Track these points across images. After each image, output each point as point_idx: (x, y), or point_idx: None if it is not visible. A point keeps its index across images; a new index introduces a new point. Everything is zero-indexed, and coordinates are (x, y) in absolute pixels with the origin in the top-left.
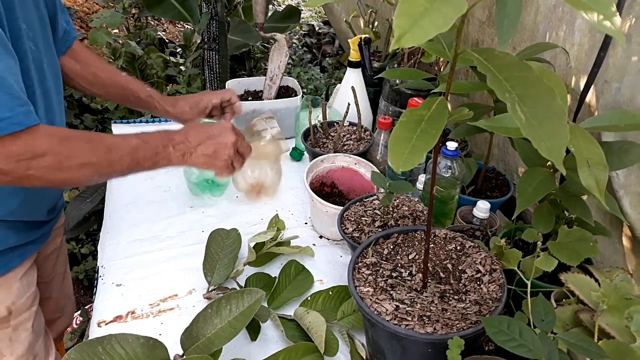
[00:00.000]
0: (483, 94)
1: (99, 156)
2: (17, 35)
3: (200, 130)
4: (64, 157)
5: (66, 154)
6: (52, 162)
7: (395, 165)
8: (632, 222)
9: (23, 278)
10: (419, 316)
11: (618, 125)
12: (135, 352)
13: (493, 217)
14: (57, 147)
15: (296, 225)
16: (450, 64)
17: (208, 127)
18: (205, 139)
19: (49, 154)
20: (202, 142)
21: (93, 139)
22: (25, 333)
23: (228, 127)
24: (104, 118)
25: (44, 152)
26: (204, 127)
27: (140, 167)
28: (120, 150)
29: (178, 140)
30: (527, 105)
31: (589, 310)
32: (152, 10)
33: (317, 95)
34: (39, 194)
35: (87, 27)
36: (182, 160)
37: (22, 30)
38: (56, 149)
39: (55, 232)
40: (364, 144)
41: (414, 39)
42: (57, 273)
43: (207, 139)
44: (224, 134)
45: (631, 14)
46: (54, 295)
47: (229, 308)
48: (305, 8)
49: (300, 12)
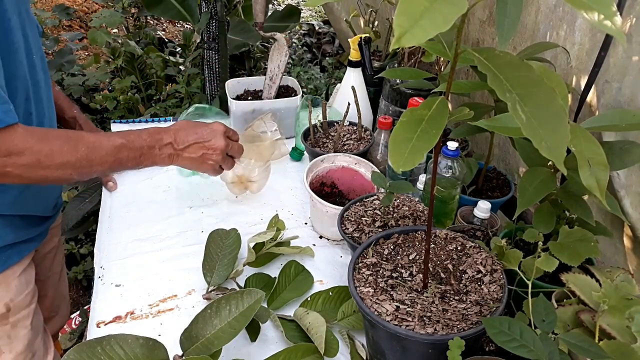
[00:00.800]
0: (484, 94)
1: (78, 156)
2: (6, 28)
3: (190, 131)
4: (42, 156)
5: (45, 153)
6: (31, 160)
7: (395, 165)
8: (633, 222)
9: (22, 275)
10: (419, 317)
11: (619, 125)
12: (134, 353)
13: (494, 217)
14: (36, 146)
15: (296, 225)
16: (451, 63)
17: (199, 128)
18: (193, 142)
19: (28, 152)
20: (190, 145)
21: (72, 138)
22: (24, 330)
23: (219, 130)
24: (103, 118)
25: (22, 150)
26: (194, 128)
27: (124, 166)
28: (101, 150)
29: (165, 141)
30: (527, 105)
31: (589, 311)
32: (151, 9)
33: (317, 95)
34: (36, 187)
35: (87, 27)
36: (167, 161)
37: (12, 21)
38: (35, 147)
39: (53, 231)
40: (364, 143)
41: (414, 38)
42: (53, 272)
43: (195, 142)
44: (214, 138)
45: (632, 13)
46: (49, 294)
47: (229, 309)
48: (305, 7)
49: (300, 12)
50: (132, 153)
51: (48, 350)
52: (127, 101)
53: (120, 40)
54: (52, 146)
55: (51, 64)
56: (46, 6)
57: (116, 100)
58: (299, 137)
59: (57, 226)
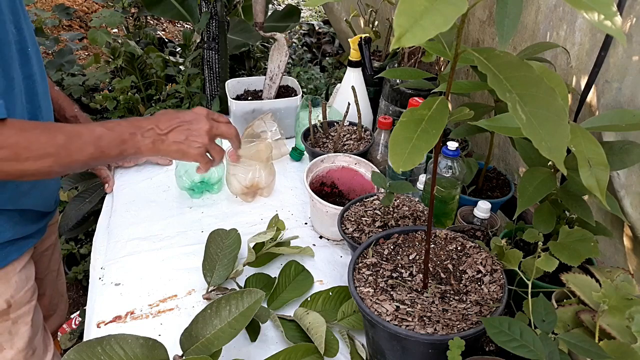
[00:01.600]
0: (484, 94)
1: (57, 146)
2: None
3: (172, 116)
4: (21, 149)
5: (23, 145)
6: (9, 154)
7: (395, 165)
8: (633, 222)
9: (22, 272)
10: (419, 317)
11: (619, 125)
12: (134, 353)
13: (494, 217)
14: (13, 138)
15: (296, 225)
16: (451, 63)
17: (180, 113)
18: (176, 125)
19: (5, 146)
20: (173, 129)
21: (50, 128)
22: (25, 327)
23: (202, 113)
24: (102, 118)
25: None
26: (175, 114)
27: (106, 155)
28: (81, 139)
29: (147, 126)
30: (527, 105)
31: (589, 311)
32: (151, 9)
33: (317, 95)
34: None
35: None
36: (152, 148)
37: (4, 14)
38: (11, 140)
39: (51, 228)
40: (364, 143)
41: (414, 38)
42: (51, 270)
43: (178, 125)
44: (196, 120)
45: (632, 13)
46: (47, 292)
47: (229, 309)
48: (305, 7)
49: (300, 12)
50: (113, 140)
51: (48, 347)
52: (127, 101)
53: (120, 40)
54: (29, 138)
55: (51, 64)
56: (46, 6)
57: (116, 100)
58: (299, 137)
59: (54, 223)
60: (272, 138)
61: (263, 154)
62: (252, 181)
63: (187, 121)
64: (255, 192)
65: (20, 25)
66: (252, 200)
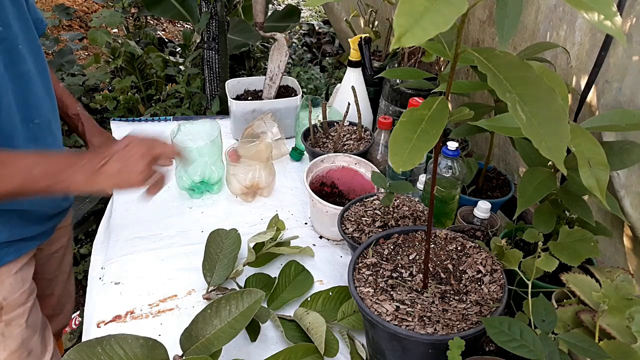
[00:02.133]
0: (484, 94)
1: None
2: None
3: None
4: None
5: None
6: None
7: (395, 165)
8: (633, 222)
9: (17, 274)
10: (419, 317)
11: (619, 125)
12: (134, 353)
13: (494, 217)
14: None
15: (296, 225)
16: (451, 63)
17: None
18: (108, 157)
19: None
20: (106, 161)
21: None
22: (18, 329)
23: (133, 137)
24: (102, 117)
25: None
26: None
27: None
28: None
29: (85, 160)
30: (527, 105)
31: (589, 311)
32: (151, 9)
33: (317, 95)
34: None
35: (87, 27)
36: (87, 182)
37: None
38: None
39: (61, 231)
40: (364, 143)
41: (414, 38)
42: (62, 271)
43: (110, 156)
44: (129, 145)
45: (632, 13)
46: (56, 292)
47: (229, 309)
48: (305, 7)
49: (300, 12)
50: (48, 168)
51: (47, 348)
52: (127, 101)
53: (120, 40)
54: None
55: (51, 64)
56: (46, 6)
57: (116, 100)
58: (299, 137)
59: (65, 226)
60: (272, 138)
61: (263, 154)
62: (252, 181)
63: (118, 150)
64: (255, 192)
65: (8, 22)
66: (252, 200)
